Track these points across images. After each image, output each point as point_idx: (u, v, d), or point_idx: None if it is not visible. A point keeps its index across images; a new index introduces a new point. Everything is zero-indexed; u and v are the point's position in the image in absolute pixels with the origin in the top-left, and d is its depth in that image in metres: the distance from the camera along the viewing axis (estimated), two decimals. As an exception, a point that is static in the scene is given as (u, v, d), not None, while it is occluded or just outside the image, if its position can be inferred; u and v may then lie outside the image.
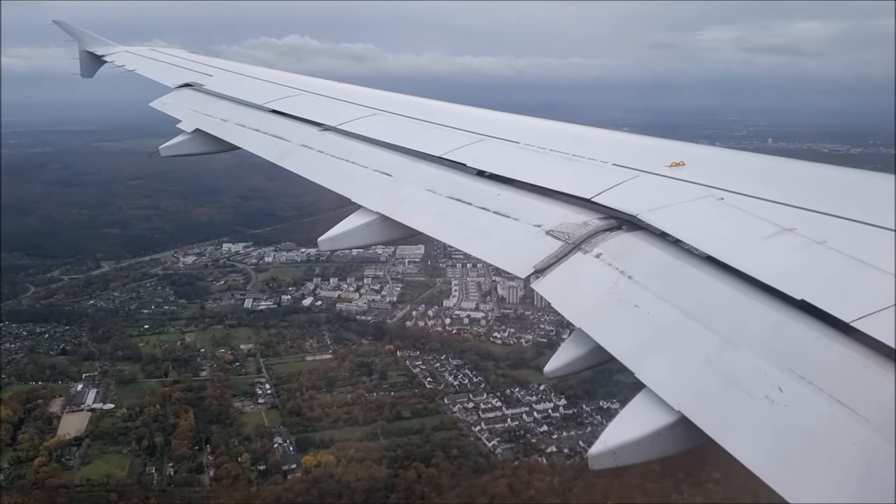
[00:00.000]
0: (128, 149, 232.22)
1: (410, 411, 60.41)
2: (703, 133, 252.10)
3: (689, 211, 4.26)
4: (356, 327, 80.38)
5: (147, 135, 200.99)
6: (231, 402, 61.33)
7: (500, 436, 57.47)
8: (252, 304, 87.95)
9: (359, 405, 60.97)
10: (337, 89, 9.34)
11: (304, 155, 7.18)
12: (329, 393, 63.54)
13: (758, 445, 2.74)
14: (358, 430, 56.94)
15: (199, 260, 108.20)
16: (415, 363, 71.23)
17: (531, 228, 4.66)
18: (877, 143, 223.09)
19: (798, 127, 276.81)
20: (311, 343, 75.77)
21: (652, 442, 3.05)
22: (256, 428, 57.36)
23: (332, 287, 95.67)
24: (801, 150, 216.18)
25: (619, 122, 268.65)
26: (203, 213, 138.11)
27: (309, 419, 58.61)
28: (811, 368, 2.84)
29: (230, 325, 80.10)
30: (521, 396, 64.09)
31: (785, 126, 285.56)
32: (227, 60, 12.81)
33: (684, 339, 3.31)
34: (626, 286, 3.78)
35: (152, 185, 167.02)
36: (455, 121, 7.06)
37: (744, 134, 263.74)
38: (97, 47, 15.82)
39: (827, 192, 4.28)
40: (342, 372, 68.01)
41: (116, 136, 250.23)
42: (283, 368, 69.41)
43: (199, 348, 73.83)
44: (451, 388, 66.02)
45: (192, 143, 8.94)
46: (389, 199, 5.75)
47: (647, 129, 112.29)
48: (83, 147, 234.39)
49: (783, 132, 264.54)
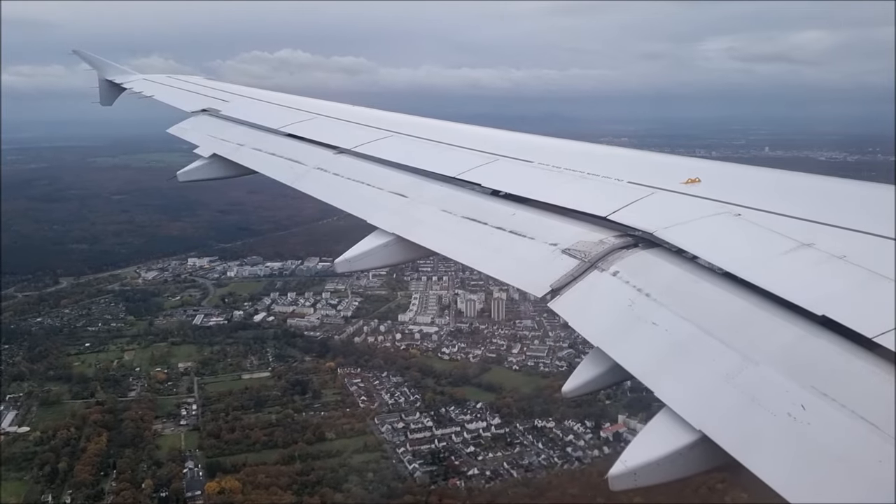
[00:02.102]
0: (121, 164, 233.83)
1: (336, 432, 57.96)
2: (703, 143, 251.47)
3: (705, 227, 4.25)
4: (302, 344, 78.22)
5: (142, 150, 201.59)
6: (151, 425, 59.18)
7: (424, 458, 54.90)
8: (202, 320, 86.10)
9: (283, 426, 58.63)
10: (351, 112, 9.45)
11: (319, 178, 7.18)
12: (256, 413, 61.31)
13: (781, 464, 2.69)
14: (275, 453, 54.54)
15: (161, 275, 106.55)
16: (353, 381, 68.89)
17: (547, 247, 4.65)
18: (875, 150, 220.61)
19: (797, 136, 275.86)
20: (251, 361, 73.69)
21: (673, 462, 2.99)
22: (170, 451, 55.12)
23: (288, 302, 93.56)
24: (798, 158, 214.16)
25: (620, 133, 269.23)
26: (176, 228, 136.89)
27: (227, 442, 56.32)
28: (834, 385, 2.81)
29: (174, 343, 78.22)
30: (455, 415, 61.50)
31: (785, 135, 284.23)
32: (243, 86, 12.92)
33: (704, 357, 3.27)
34: (644, 304, 3.76)
35: (134, 200, 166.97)
36: (469, 141, 7.08)
37: (743, 143, 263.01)
38: (116, 76, 16.17)
39: (845, 206, 4.26)
40: (275, 391, 65.80)
41: (111, 152, 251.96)
42: (216, 388, 67.30)
43: (134, 367, 71.89)
44: (384, 408, 63.58)
45: (210, 168, 8.99)
46: (405, 220, 5.72)
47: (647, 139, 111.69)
48: (77, 163, 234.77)
49: (782, 141, 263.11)
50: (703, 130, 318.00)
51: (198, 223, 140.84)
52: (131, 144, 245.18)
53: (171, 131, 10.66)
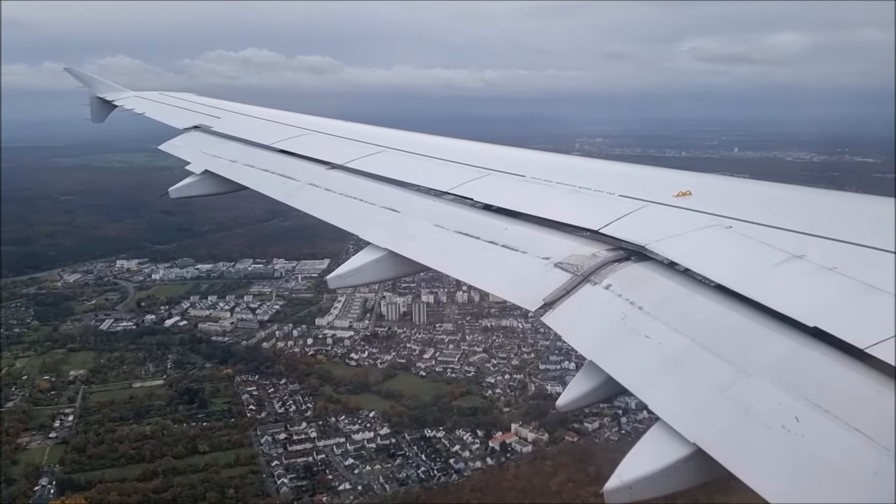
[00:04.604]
0: (81, 164, 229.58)
1: (210, 445, 54.81)
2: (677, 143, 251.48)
3: (697, 240, 4.22)
4: (206, 350, 75.00)
5: (108, 150, 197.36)
6: (18, 437, 55.76)
7: (297, 472, 51.87)
8: (110, 325, 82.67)
9: (155, 439, 55.41)
10: (342, 128, 9.46)
11: (312, 193, 7.12)
12: (133, 425, 58.03)
13: (776, 476, 2.68)
14: (139, 468, 51.31)
15: (84, 278, 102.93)
16: (248, 389, 65.80)
17: (539, 261, 4.57)
18: (843, 150, 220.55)
19: (772, 137, 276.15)
20: (148, 368, 70.42)
21: (668, 475, 2.96)
22: (26, 467, 51.72)
23: (207, 306, 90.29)
24: (766, 158, 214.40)
25: (595, 134, 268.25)
26: (115, 229, 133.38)
27: (90, 456, 53.02)
28: (827, 396, 2.80)
29: (72, 350, 74.77)
30: (343, 425, 58.53)
31: (761, 136, 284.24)
32: (234, 103, 12.89)
33: (697, 369, 3.25)
34: (637, 317, 3.72)
35: (82, 200, 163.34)
36: (460, 156, 7.08)
37: (715, 144, 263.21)
38: (107, 93, 16.11)
39: (835, 217, 4.24)
40: (160, 401, 62.55)
41: (73, 153, 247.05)
42: (101, 397, 63.94)
43: (22, 375, 68.34)
44: (271, 417, 60.52)
45: (202, 184, 8.89)
46: (397, 235, 5.67)
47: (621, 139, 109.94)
48: (38, 163, 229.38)
49: (755, 142, 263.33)
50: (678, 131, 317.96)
51: (138, 224, 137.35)
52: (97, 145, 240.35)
53: (163, 148, 10.55)
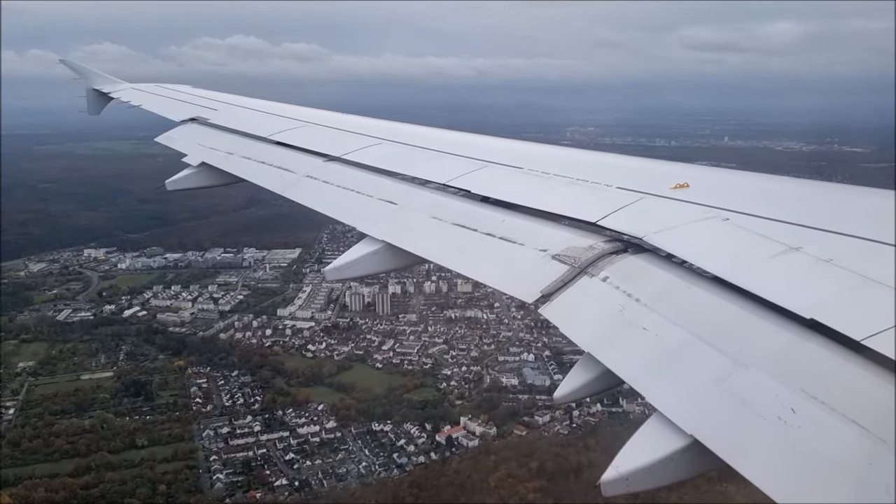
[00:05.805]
0: (66, 151, 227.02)
1: (150, 439, 53.45)
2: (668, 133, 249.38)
3: (694, 232, 4.20)
4: (161, 341, 73.51)
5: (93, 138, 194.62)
6: (-48, 431, 54.36)
7: (235, 467, 50.52)
8: (68, 315, 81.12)
9: (94, 433, 54.05)
10: (339, 120, 9.44)
11: (309, 185, 7.09)
12: (74, 418, 56.58)
13: (773, 468, 2.67)
14: (71, 464, 49.93)
15: (48, 267, 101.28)
16: (198, 381, 64.38)
17: (537, 253, 4.52)
18: (833, 140, 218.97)
19: (765, 127, 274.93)
20: (100, 359, 68.92)
21: (665, 467, 2.96)
22: (-44, 463, 50.35)
23: (169, 296, 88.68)
24: (756, 148, 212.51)
25: (587, 123, 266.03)
26: (87, 217, 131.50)
27: (24, 451, 51.61)
28: (824, 388, 2.79)
29: (24, 341, 73.31)
30: (290, 419, 57.13)
31: (753, 125, 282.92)
32: (231, 95, 12.80)
33: (694, 361, 3.24)
34: (634, 309, 3.69)
35: (59, 188, 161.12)
36: (458, 148, 7.03)
37: (706, 133, 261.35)
38: (103, 85, 16.05)
39: (832, 210, 4.25)
40: (105, 393, 61.09)
41: (59, 140, 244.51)
42: (47, 389, 62.47)
43: (-31, 367, 66.82)
44: (216, 410, 59.10)
45: (198, 176, 8.80)
46: (395, 227, 5.62)
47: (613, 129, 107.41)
48: (23, 151, 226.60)
49: (746, 131, 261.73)
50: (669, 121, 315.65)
51: (112, 212, 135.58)
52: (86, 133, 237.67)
53: (160, 140, 10.40)
